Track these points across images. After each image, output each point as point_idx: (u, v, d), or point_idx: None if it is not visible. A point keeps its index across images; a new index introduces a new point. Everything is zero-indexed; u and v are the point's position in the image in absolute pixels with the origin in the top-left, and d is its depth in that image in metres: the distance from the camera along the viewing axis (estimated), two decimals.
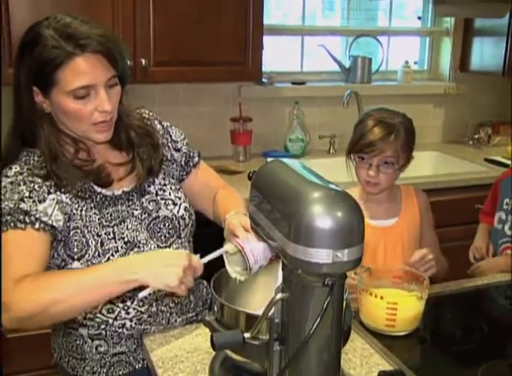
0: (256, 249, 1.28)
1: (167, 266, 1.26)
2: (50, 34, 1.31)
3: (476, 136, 3.56)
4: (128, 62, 1.46)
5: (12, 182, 1.35)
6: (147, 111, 1.61)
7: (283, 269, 1.09)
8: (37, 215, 1.32)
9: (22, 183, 1.35)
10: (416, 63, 3.72)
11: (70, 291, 1.25)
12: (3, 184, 1.35)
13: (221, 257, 1.34)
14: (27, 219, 1.31)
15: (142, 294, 1.26)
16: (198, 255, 1.32)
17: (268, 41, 3.00)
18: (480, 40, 3.46)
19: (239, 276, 1.32)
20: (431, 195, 2.07)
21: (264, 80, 3.09)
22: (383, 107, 1.92)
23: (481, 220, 2.28)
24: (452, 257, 2.09)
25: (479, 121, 3.61)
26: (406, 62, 3.53)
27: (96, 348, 1.49)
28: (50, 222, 1.34)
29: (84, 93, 1.33)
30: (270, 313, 1.08)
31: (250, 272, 1.30)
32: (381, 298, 1.45)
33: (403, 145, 1.83)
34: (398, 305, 1.44)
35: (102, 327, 1.48)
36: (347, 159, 1.92)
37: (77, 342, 1.50)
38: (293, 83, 3.29)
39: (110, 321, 1.47)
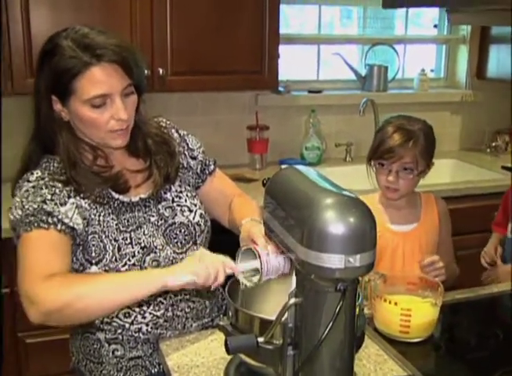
0: (271, 262, 1.30)
1: (203, 261, 1.30)
2: (68, 45, 1.34)
3: (493, 144, 3.54)
4: (145, 71, 1.48)
5: (34, 186, 1.38)
6: (164, 120, 1.64)
7: (296, 275, 1.10)
8: (60, 217, 1.35)
9: (44, 187, 1.38)
10: (432, 70, 3.72)
11: (96, 288, 1.28)
12: (25, 188, 1.38)
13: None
14: (50, 220, 1.34)
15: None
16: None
17: (284, 50, 3.03)
18: (496, 47, 3.45)
19: (247, 281, 1.34)
20: (449, 203, 2.07)
21: (280, 88, 3.11)
22: (403, 114, 1.94)
23: (494, 230, 2.27)
24: (468, 264, 2.10)
25: (496, 129, 3.59)
26: (423, 70, 3.53)
27: (113, 353, 1.51)
28: (71, 224, 1.37)
29: (101, 102, 1.36)
30: (283, 318, 1.10)
31: (259, 281, 1.32)
32: (395, 304, 1.45)
33: (422, 151, 1.85)
34: (412, 312, 1.44)
35: (119, 331, 1.50)
36: (367, 165, 1.94)
37: (95, 346, 1.52)
38: (309, 91, 3.31)
39: (127, 325, 1.49)
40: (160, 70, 2.56)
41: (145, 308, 1.49)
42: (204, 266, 1.29)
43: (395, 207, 1.94)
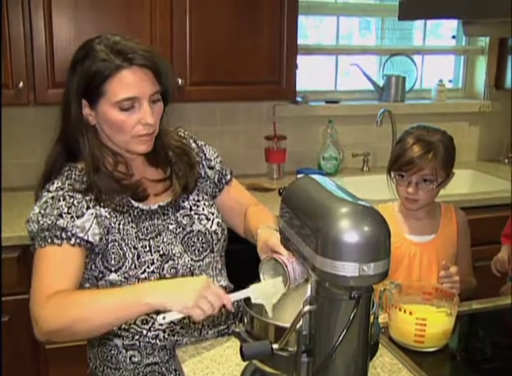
0: (297, 269, 1.32)
1: (184, 289, 1.28)
2: (101, 49, 1.39)
3: (511, 155, 3.52)
4: (173, 81, 1.52)
5: (53, 197, 1.41)
6: (182, 130, 1.67)
7: (310, 282, 1.11)
8: (74, 231, 1.38)
9: (62, 199, 1.41)
10: (450, 81, 3.72)
11: (92, 311, 1.29)
12: (45, 199, 1.42)
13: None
14: (63, 235, 1.37)
15: (160, 318, 1.26)
16: (231, 295, 1.32)
17: (302, 60, 3.05)
18: None
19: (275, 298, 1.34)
20: (466, 213, 2.07)
21: (298, 99, 3.13)
22: (423, 124, 1.94)
23: (503, 242, 2.26)
24: (486, 275, 2.09)
25: None
26: (440, 80, 3.53)
27: (130, 359, 1.53)
28: (86, 237, 1.40)
29: (129, 105, 1.40)
30: (298, 325, 1.11)
31: (287, 289, 1.33)
32: (410, 313, 1.46)
33: (442, 162, 1.85)
34: (427, 321, 1.45)
35: (137, 337, 1.52)
36: (387, 176, 1.94)
37: (112, 352, 1.54)
38: (327, 102, 3.32)
39: (144, 332, 1.52)
40: (180, 80, 2.59)
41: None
42: (193, 300, 1.25)
43: (414, 217, 1.94)
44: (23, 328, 2.26)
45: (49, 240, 1.36)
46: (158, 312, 1.47)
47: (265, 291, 1.33)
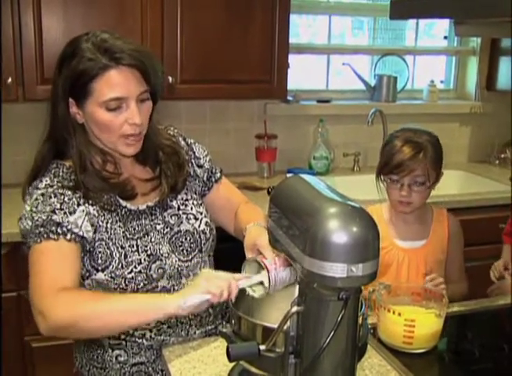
0: (279, 276, 1.30)
1: (190, 285, 1.31)
2: (88, 47, 1.37)
3: (502, 156, 3.54)
4: (162, 79, 1.50)
5: (43, 194, 1.40)
6: (172, 128, 1.65)
7: (299, 283, 1.10)
8: (69, 227, 1.37)
9: (53, 195, 1.39)
10: (442, 82, 3.73)
11: (107, 309, 1.29)
12: (35, 196, 1.40)
13: (241, 265, 1.37)
14: (59, 230, 1.35)
15: (181, 302, 1.26)
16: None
17: (294, 59, 3.04)
18: (506, 59, 3.44)
19: (254, 293, 1.34)
20: (457, 214, 2.06)
21: (289, 98, 3.13)
22: (407, 127, 1.93)
23: (504, 241, 2.26)
24: (477, 276, 2.08)
25: (505, 141, 3.58)
26: (432, 81, 3.53)
27: (116, 358, 1.52)
28: (81, 233, 1.39)
29: (116, 105, 1.38)
30: (286, 326, 1.10)
31: (266, 294, 1.32)
32: (399, 314, 1.45)
33: (432, 162, 1.84)
34: (415, 322, 1.44)
35: (123, 336, 1.51)
36: (376, 181, 1.92)
37: (98, 351, 1.53)
38: (318, 101, 3.32)
39: (131, 331, 1.50)
40: (170, 78, 2.58)
41: None
42: (214, 284, 1.27)
43: (404, 220, 1.92)
44: (10, 326, 2.25)
45: (45, 236, 1.35)
46: None
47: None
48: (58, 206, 1.38)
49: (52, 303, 1.28)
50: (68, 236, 1.36)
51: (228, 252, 1.75)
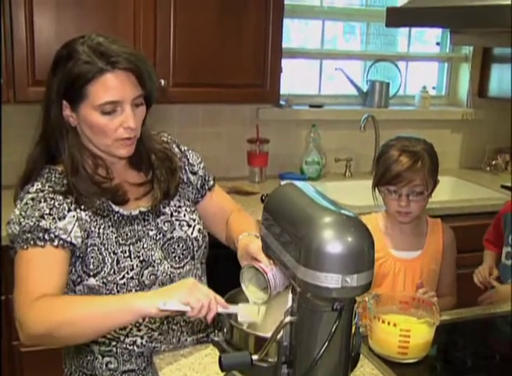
0: (277, 276, 1.30)
1: (173, 290, 1.28)
2: (84, 50, 1.36)
3: (493, 162, 3.55)
4: (156, 84, 1.50)
5: (33, 199, 1.38)
6: (166, 134, 1.64)
7: (292, 293, 1.10)
8: (57, 233, 1.35)
9: (43, 200, 1.38)
10: (434, 88, 3.73)
11: (80, 315, 1.27)
12: (25, 200, 1.38)
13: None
14: (46, 237, 1.34)
15: (161, 304, 1.23)
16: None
17: (287, 64, 3.03)
18: (499, 66, 3.46)
19: (256, 300, 1.33)
20: (447, 221, 2.06)
21: (282, 102, 3.12)
22: (401, 135, 1.91)
23: (486, 247, 2.27)
24: (467, 283, 2.08)
25: (496, 147, 3.60)
26: (424, 87, 3.54)
27: (106, 365, 1.50)
28: (69, 239, 1.37)
29: (111, 109, 1.37)
30: (279, 336, 1.09)
31: (269, 297, 1.31)
32: (394, 325, 1.43)
33: (429, 171, 1.82)
34: (411, 332, 1.43)
35: (114, 343, 1.49)
36: (373, 191, 1.90)
37: (88, 358, 1.51)
38: (310, 106, 3.31)
39: (122, 338, 1.49)
40: (162, 81, 2.56)
41: (140, 320, 1.47)
42: (196, 297, 1.24)
43: (400, 230, 1.90)
44: None
45: (32, 242, 1.33)
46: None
47: (251, 311, 1.31)
48: (47, 211, 1.36)
49: (27, 313, 1.26)
50: (55, 243, 1.34)
51: (220, 258, 1.75)
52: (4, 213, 2.21)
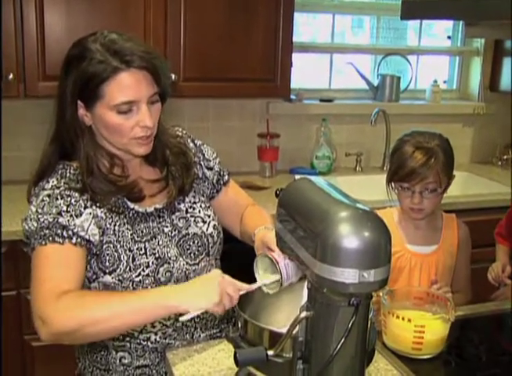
0: (290, 266, 1.30)
1: (206, 287, 1.27)
2: (97, 49, 1.34)
3: (504, 157, 3.53)
4: (171, 78, 1.48)
5: (49, 195, 1.37)
6: (180, 129, 1.63)
7: (308, 288, 1.09)
8: (75, 230, 1.34)
9: (59, 197, 1.37)
10: (445, 82, 3.71)
11: (110, 313, 1.25)
12: (41, 197, 1.37)
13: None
14: (64, 234, 1.33)
15: (183, 319, 1.26)
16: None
17: (297, 58, 3.02)
18: (510, 60, 3.43)
19: (268, 289, 1.33)
20: (459, 215, 2.05)
21: (292, 97, 3.10)
22: (417, 130, 1.89)
23: (498, 242, 2.25)
24: (480, 278, 2.07)
25: (508, 142, 3.57)
26: (435, 81, 3.52)
27: (120, 360, 1.50)
28: (87, 236, 1.36)
29: (127, 108, 1.36)
30: (294, 331, 1.09)
31: (280, 287, 1.31)
32: (409, 320, 1.42)
33: (443, 168, 1.80)
34: (425, 328, 1.42)
35: (127, 339, 1.49)
36: (387, 187, 1.89)
37: (102, 353, 1.51)
38: (321, 100, 3.30)
39: (136, 334, 1.49)
40: (173, 76, 2.55)
41: None
42: (218, 295, 1.25)
43: (415, 225, 1.89)
44: (10, 325, 2.23)
45: (51, 239, 1.32)
46: None
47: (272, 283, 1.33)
48: (64, 208, 1.35)
49: (53, 309, 1.24)
50: (74, 240, 1.34)
51: (232, 253, 1.74)
52: (13, 208, 2.21)
